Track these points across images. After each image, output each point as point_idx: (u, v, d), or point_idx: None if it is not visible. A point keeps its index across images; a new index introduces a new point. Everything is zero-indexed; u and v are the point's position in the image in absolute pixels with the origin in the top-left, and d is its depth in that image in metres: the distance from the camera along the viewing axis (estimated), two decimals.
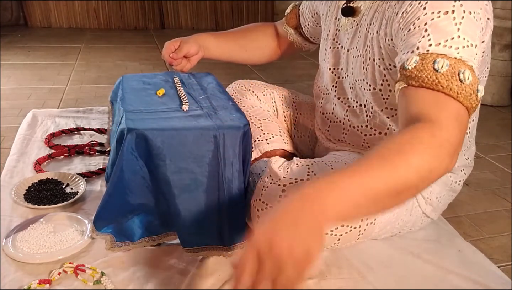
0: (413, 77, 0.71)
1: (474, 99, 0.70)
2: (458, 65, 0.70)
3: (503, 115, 2.14)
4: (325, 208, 0.57)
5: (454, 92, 0.68)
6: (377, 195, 0.60)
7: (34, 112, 1.71)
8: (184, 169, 0.85)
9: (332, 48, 1.02)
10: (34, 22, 3.54)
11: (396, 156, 0.63)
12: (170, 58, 1.13)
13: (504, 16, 2.13)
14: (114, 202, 0.88)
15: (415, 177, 0.62)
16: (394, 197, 0.63)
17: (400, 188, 0.62)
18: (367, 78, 0.91)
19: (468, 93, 0.69)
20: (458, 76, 0.69)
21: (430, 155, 0.63)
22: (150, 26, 3.76)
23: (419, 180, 0.63)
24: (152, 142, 0.83)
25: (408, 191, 0.64)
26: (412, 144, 0.63)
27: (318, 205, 0.57)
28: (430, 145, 0.63)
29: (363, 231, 0.85)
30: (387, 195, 0.61)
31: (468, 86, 0.69)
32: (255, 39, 1.26)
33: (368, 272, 0.95)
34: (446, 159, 0.64)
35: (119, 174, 0.85)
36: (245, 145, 0.88)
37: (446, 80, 0.68)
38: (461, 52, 0.71)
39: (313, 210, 0.56)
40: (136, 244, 0.94)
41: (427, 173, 0.63)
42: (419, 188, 0.65)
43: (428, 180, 0.64)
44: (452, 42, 0.71)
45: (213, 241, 0.90)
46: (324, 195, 0.58)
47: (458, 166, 0.98)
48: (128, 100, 0.97)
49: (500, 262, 1.03)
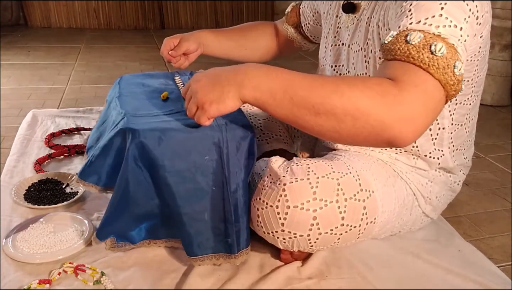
0: (387, 50, 0.72)
1: (450, 74, 0.67)
2: (433, 39, 0.68)
3: (503, 115, 2.14)
4: (243, 79, 0.72)
5: (425, 63, 0.67)
6: (295, 98, 0.67)
7: (34, 112, 1.71)
8: (189, 179, 0.84)
9: (333, 45, 1.02)
10: (34, 22, 3.54)
11: (335, 83, 0.67)
12: (169, 55, 1.12)
13: (504, 16, 2.13)
14: (118, 213, 0.87)
15: (339, 105, 0.65)
16: (311, 113, 0.67)
17: (320, 108, 0.66)
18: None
19: (440, 66, 0.67)
20: (430, 48, 0.67)
21: (366, 95, 0.65)
22: (150, 26, 3.76)
23: (343, 112, 0.65)
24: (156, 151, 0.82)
25: (327, 116, 0.66)
26: (364, 81, 0.66)
27: (240, 74, 0.72)
28: (371, 88, 0.65)
29: (363, 230, 0.85)
30: (304, 107, 0.67)
31: (441, 59, 0.67)
32: (254, 37, 1.26)
33: (368, 272, 0.95)
34: (383, 109, 0.64)
35: (125, 185, 0.84)
36: (250, 153, 0.87)
37: (417, 52, 0.67)
38: (441, 30, 0.69)
39: (235, 78, 0.72)
40: (137, 245, 0.94)
41: (354, 109, 0.65)
42: (340, 121, 0.66)
43: (352, 118, 0.65)
44: (432, 20, 0.69)
45: (219, 249, 0.89)
46: (249, 70, 0.73)
47: (458, 165, 0.98)
48: (129, 103, 0.96)
49: (500, 262, 1.03)
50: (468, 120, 0.94)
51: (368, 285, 0.92)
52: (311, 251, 0.91)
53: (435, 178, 0.97)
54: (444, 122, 0.90)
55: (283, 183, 0.80)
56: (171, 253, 0.97)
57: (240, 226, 0.86)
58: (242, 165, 0.85)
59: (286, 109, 0.69)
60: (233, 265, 0.92)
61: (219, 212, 0.86)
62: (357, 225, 0.83)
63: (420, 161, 0.94)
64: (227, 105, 0.73)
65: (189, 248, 0.88)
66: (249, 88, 0.71)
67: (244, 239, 0.87)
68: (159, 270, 0.93)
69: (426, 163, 0.94)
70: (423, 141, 0.91)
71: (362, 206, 0.83)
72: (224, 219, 0.86)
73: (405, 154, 0.94)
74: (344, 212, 0.80)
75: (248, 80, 0.72)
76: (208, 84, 0.75)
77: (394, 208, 0.91)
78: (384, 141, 0.67)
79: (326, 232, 0.80)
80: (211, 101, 0.74)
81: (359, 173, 0.85)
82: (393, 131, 0.65)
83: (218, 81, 0.74)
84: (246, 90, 0.72)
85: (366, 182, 0.85)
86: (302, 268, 0.94)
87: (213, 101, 0.74)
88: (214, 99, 0.74)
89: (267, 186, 0.83)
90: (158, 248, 0.98)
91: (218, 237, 0.88)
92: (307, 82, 0.69)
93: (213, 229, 0.87)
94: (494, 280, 0.95)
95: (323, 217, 0.79)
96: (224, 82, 0.73)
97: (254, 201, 0.84)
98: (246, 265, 0.94)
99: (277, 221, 0.80)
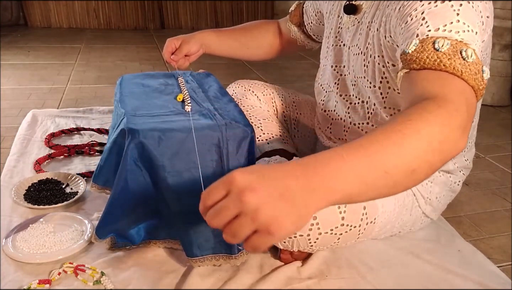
0: (414, 60, 0.68)
1: (480, 79, 0.66)
2: (459, 45, 0.67)
3: (503, 115, 2.14)
4: (329, 187, 0.50)
5: (458, 70, 0.65)
6: (388, 171, 0.53)
7: (34, 112, 1.71)
8: (189, 179, 0.84)
9: (335, 45, 1.02)
10: (34, 22, 3.54)
11: (403, 126, 0.56)
12: (171, 59, 1.13)
13: (504, 16, 2.13)
14: (117, 212, 0.87)
15: (427, 148, 0.56)
16: (407, 175, 0.55)
17: (412, 162, 0.55)
18: (367, 76, 0.91)
19: (472, 72, 0.65)
20: (461, 54, 0.66)
21: (439, 123, 0.57)
22: (150, 26, 3.76)
23: (432, 153, 0.56)
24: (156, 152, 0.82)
25: (421, 166, 0.56)
26: (419, 114, 0.57)
27: (321, 182, 0.50)
28: (437, 113, 0.57)
29: (363, 230, 0.85)
30: (399, 171, 0.54)
31: (472, 65, 0.65)
32: (257, 36, 1.26)
33: (368, 272, 0.95)
34: (456, 130, 0.58)
35: (123, 184, 0.84)
36: (250, 153, 0.87)
37: (448, 59, 0.65)
38: (462, 35, 0.68)
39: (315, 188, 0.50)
40: (137, 245, 0.94)
41: (438, 143, 0.56)
42: (432, 164, 0.57)
43: (440, 153, 0.57)
44: (451, 26, 0.69)
45: (219, 250, 0.89)
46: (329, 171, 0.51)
47: (458, 167, 0.98)
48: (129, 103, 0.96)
49: (500, 262, 1.03)
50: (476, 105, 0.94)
51: (368, 285, 0.92)
52: (311, 251, 0.91)
53: (435, 179, 0.97)
54: None
55: None
56: (171, 253, 0.97)
57: None
58: (242, 165, 0.85)
59: (383, 187, 0.55)
60: (233, 265, 0.92)
61: None
62: (357, 225, 0.83)
63: None
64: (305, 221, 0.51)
65: (188, 249, 0.88)
66: (337, 191, 0.51)
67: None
68: (158, 270, 0.93)
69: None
70: None
71: (362, 206, 0.83)
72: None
73: None
74: (344, 212, 0.80)
75: (334, 183, 0.51)
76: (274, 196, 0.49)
77: (394, 208, 0.91)
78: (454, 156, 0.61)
79: (326, 232, 0.80)
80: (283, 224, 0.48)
81: None
82: (458, 145, 0.60)
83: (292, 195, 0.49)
84: (334, 195, 0.51)
85: None
86: (302, 268, 0.94)
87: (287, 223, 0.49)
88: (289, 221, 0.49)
89: None
90: (158, 248, 0.98)
91: (217, 238, 0.88)
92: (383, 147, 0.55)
93: (212, 230, 0.87)
94: (494, 280, 0.95)
95: (323, 217, 0.79)
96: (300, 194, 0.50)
97: None
98: (246, 265, 0.94)
99: None
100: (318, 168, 0.51)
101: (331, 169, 0.51)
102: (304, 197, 0.49)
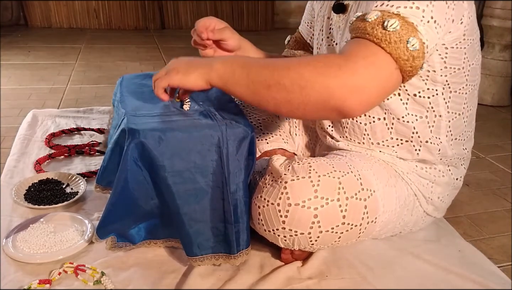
0: (350, 31, 0.77)
1: (402, 49, 0.71)
2: (390, 17, 0.72)
3: (503, 115, 2.15)
4: (212, 63, 0.81)
5: (378, 38, 0.71)
6: (250, 74, 0.75)
7: (34, 112, 1.71)
8: (189, 179, 0.84)
9: (328, 45, 1.02)
10: (34, 22, 3.54)
11: (287, 60, 0.75)
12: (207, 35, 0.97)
13: (504, 16, 2.13)
14: (118, 212, 0.87)
15: (286, 76, 0.72)
16: (263, 87, 0.74)
17: (270, 81, 0.73)
18: None
19: (392, 40, 0.70)
20: (383, 24, 0.71)
21: (311, 65, 0.71)
22: (150, 26, 3.76)
23: (290, 82, 0.71)
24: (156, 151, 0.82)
25: (277, 88, 0.72)
26: (309, 56, 0.73)
27: (210, 60, 0.82)
28: (317, 60, 0.72)
29: (364, 230, 0.85)
30: (258, 81, 0.74)
31: (393, 34, 0.70)
32: None
33: (368, 272, 0.95)
34: (328, 76, 0.69)
35: (123, 184, 0.84)
36: (250, 154, 0.87)
37: (371, 28, 0.72)
38: (401, 10, 0.72)
39: (206, 62, 0.82)
40: (137, 245, 0.94)
41: (299, 78, 0.70)
42: (289, 92, 0.72)
43: (299, 87, 0.70)
44: (394, 2, 0.73)
45: (219, 250, 0.89)
46: (219, 57, 0.85)
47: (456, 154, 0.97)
48: (129, 103, 0.96)
49: (500, 262, 1.03)
50: (466, 110, 0.94)
51: (368, 285, 0.92)
52: (312, 249, 0.91)
53: (436, 179, 0.97)
54: (440, 110, 0.90)
55: (284, 181, 0.80)
56: (171, 253, 0.97)
57: (240, 227, 0.86)
58: (242, 166, 0.85)
59: (244, 86, 0.76)
60: (233, 265, 0.92)
61: (218, 212, 0.86)
62: (358, 224, 0.83)
63: (423, 150, 0.93)
64: (190, 79, 0.81)
65: (188, 248, 0.88)
66: (215, 69, 0.79)
67: (244, 240, 0.87)
68: (159, 270, 0.93)
69: (428, 151, 0.93)
70: (421, 127, 0.91)
71: (363, 205, 0.83)
72: (223, 219, 0.86)
73: (406, 145, 0.93)
74: (345, 210, 0.80)
75: (215, 63, 0.80)
76: (184, 62, 0.85)
77: (395, 208, 0.91)
78: (333, 109, 0.71)
79: (327, 230, 0.80)
80: (178, 71, 0.82)
81: (360, 172, 0.85)
82: (339, 98, 0.69)
83: (193, 63, 0.83)
84: (213, 71, 0.79)
85: (367, 182, 0.85)
86: (302, 268, 0.94)
87: (180, 71, 0.82)
88: (181, 71, 0.82)
89: (268, 184, 0.83)
90: (158, 248, 0.98)
91: (217, 238, 0.88)
92: (263, 62, 0.79)
93: (212, 230, 0.87)
94: (494, 280, 0.95)
95: (324, 215, 0.79)
96: (197, 64, 0.83)
97: (255, 199, 0.84)
98: (246, 265, 0.94)
99: (278, 219, 0.80)
100: (217, 59, 0.82)
101: (222, 60, 0.81)
102: (197, 66, 0.82)
